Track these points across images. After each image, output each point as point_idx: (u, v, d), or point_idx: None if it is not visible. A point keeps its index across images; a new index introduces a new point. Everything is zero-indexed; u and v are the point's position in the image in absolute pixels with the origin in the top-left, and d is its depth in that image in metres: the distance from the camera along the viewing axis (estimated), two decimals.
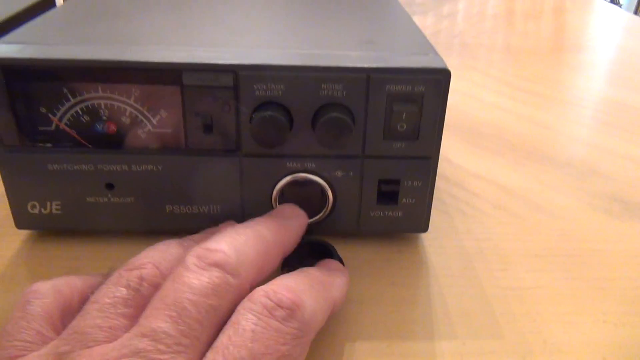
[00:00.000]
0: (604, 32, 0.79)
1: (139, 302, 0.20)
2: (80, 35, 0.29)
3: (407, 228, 0.30)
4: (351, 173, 0.28)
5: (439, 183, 0.29)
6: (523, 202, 0.36)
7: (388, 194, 0.29)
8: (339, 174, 0.28)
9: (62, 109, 0.27)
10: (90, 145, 0.27)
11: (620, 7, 2.38)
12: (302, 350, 0.20)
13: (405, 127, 0.27)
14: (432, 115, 0.27)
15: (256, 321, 0.19)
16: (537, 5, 0.93)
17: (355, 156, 0.28)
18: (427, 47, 0.28)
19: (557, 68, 0.62)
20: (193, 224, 0.29)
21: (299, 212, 0.27)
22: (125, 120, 0.27)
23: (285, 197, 0.29)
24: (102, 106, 0.27)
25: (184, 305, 0.19)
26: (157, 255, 0.22)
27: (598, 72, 0.62)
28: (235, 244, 0.21)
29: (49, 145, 0.27)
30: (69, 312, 0.21)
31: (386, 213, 0.29)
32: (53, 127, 0.27)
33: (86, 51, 0.26)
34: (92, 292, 0.21)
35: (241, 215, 0.29)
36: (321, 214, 0.29)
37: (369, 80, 0.26)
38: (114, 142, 0.27)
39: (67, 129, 0.27)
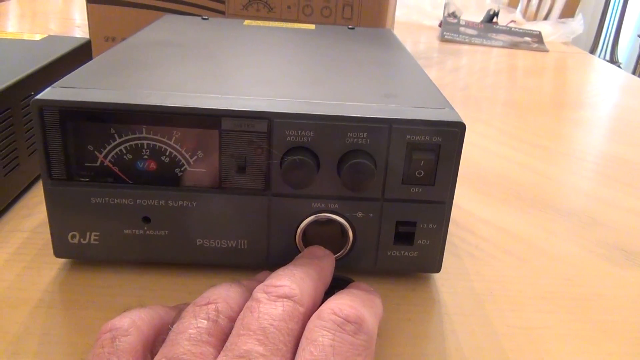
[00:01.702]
0: (603, 90, 0.83)
1: (218, 332, 0.22)
2: (125, 82, 0.31)
3: (421, 268, 0.32)
4: (371, 214, 0.30)
5: (449, 227, 0.31)
6: (529, 248, 0.38)
7: (404, 235, 0.31)
8: (360, 215, 0.30)
9: (108, 148, 0.29)
10: (130, 181, 0.30)
11: (619, 67, 2.45)
12: (371, 359, 0.22)
13: (422, 173, 0.29)
14: (448, 164, 0.29)
15: (332, 337, 0.21)
16: (539, 63, 0.97)
17: (375, 199, 0.30)
18: (444, 102, 0.31)
19: (559, 123, 0.65)
20: (221, 258, 0.31)
21: (327, 252, 0.29)
22: (165, 159, 0.29)
23: (309, 235, 0.31)
24: (145, 146, 0.29)
25: (269, 330, 0.21)
26: (223, 292, 0.24)
27: (598, 128, 0.65)
28: (295, 279, 0.24)
29: (92, 180, 0.29)
30: (147, 347, 0.23)
31: (402, 253, 0.31)
32: (98, 163, 0.29)
33: (133, 96, 0.29)
34: (166, 325, 0.23)
35: (266, 250, 0.31)
36: (341, 252, 0.31)
37: (391, 130, 0.28)
38: (153, 179, 0.29)
39: (111, 165, 0.29)
